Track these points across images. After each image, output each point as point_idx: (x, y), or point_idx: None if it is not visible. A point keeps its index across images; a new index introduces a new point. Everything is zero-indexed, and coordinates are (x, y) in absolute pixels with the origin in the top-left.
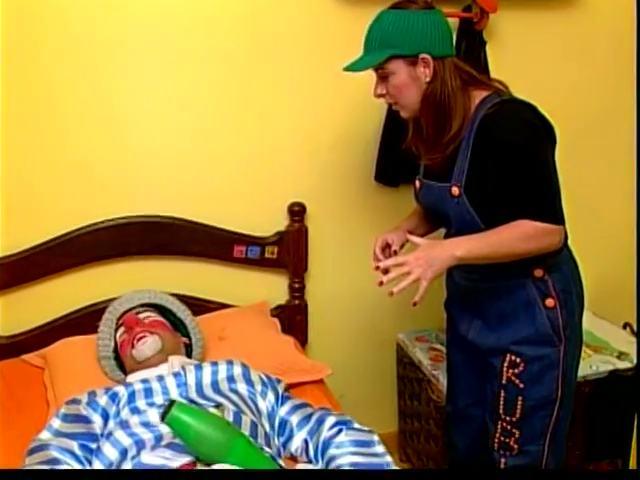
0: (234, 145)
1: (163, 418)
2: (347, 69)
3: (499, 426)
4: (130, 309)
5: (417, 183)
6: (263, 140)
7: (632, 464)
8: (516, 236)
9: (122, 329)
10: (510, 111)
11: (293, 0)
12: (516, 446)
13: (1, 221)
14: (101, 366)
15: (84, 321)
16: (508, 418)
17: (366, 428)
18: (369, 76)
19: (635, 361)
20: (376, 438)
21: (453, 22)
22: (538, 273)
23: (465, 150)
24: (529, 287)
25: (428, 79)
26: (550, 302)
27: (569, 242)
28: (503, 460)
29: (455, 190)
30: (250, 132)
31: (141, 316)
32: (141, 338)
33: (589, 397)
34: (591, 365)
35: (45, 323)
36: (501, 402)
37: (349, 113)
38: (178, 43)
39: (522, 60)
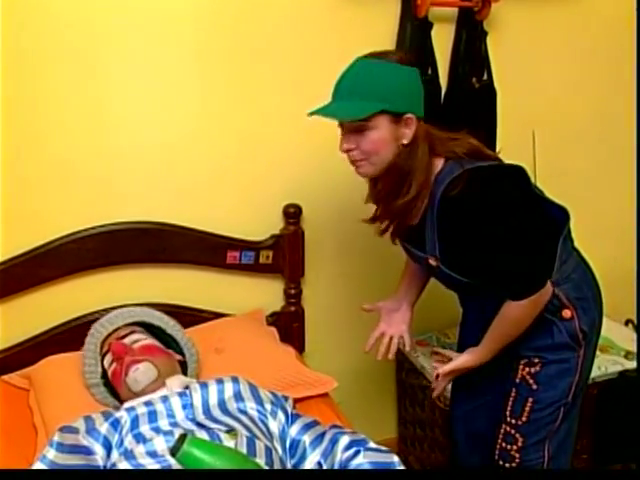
0: (225, 146)
1: (174, 454)
2: (331, 116)
3: (502, 430)
4: (114, 330)
5: (398, 241)
6: (256, 139)
7: None
8: (511, 326)
9: (110, 356)
10: (471, 190)
11: None
12: (518, 455)
13: None
14: (91, 394)
15: (70, 336)
16: (514, 421)
17: (384, 448)
18: None
19: None
20: (396, 459)
21: (452, 11)
22: None
23: (430, 224)
24: None
25: (406, 141)
26: (567, 313)
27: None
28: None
29: (432, 261)
30: (243, 131)
31: (128, 341)
32: (133, 365)
33: (598, 399)
34: (599, 366)
35: (28, 339)
36: (510, 402)
37: None
38: (168, 43)
39: (524, 51)
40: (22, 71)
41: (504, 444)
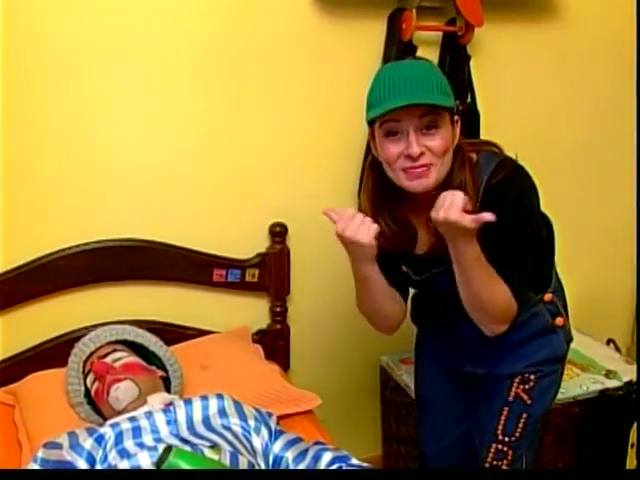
0: (212, 164)
1: (159, 466)
2: (425, 102)
3: (492, 449)
4: (97, 349)
5: (404, 269)
6: (242, 158)
7: None
8: (498, 298)
9: (92, 376)
10: (515, 177)
11: (275, 14)
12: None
13: None
14: (75, 412)
15: (57, 352)
16: (506, 439)
17: (365, 464)
18: (352, 94)
19: (624, 380)
20: None
21: (436, 36)
22: (548, 297)
23: None
24: (542, 313)
25: (455, 142)
26: (560, 320)
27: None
28: None
29: None
30: (229, 150)
31: (109, 359)
32: (114, 384)
33: (579, 417)
34: (580, 385)
35: (14, 355)
36: (502, 421)
37: (332, 130)
38: (154, 60)
39: (507, 75)
40: (12, 88)
41: (495, 462)
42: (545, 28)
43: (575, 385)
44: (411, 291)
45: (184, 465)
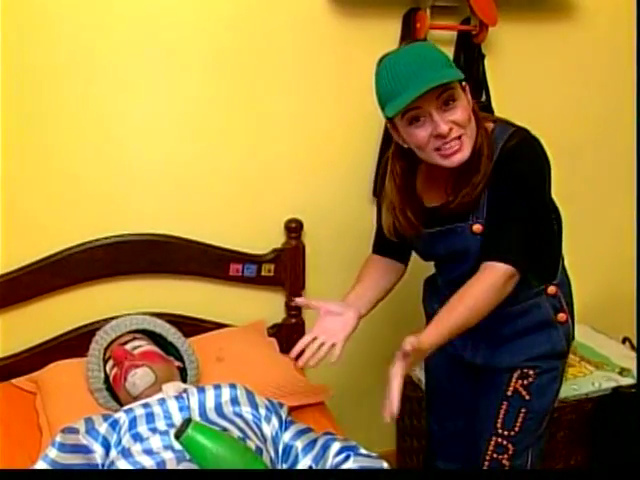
0: (229, 161)
1: (178, 437)
2: (435, 83)
3: (492, 442)
4: (118, 337)
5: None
6: (259, 155)
7: None
8: (491, 296)
9: (112, 362)
10: (529, 143)
11: (291, 13)
12: (508, 463)
13: None
14: (94, 398)
15: (77, 343)
16: (506, 432)
17: (374, 454)
18: (367, 92)
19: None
20: (385, 465)
21: (451, 35)
22: (552, 290)
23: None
24: (544, 305)
25: (471, 107)
26: (562, 317)
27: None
28: None
29: (477, 227)
30: (246, 147)
31: (129, 346)
32: (132, 370)
33: (591, 415)
34: (593, 382)
35: (36, 345)
36: (501, 415)
37: (347, 127)
38: (173, 57)
39: (521, 74)
40: (29, 84)
41: (495, 455)
42: (559, 27)
43: (588, 382)
44: (423, 274)
45: (201, 439)
